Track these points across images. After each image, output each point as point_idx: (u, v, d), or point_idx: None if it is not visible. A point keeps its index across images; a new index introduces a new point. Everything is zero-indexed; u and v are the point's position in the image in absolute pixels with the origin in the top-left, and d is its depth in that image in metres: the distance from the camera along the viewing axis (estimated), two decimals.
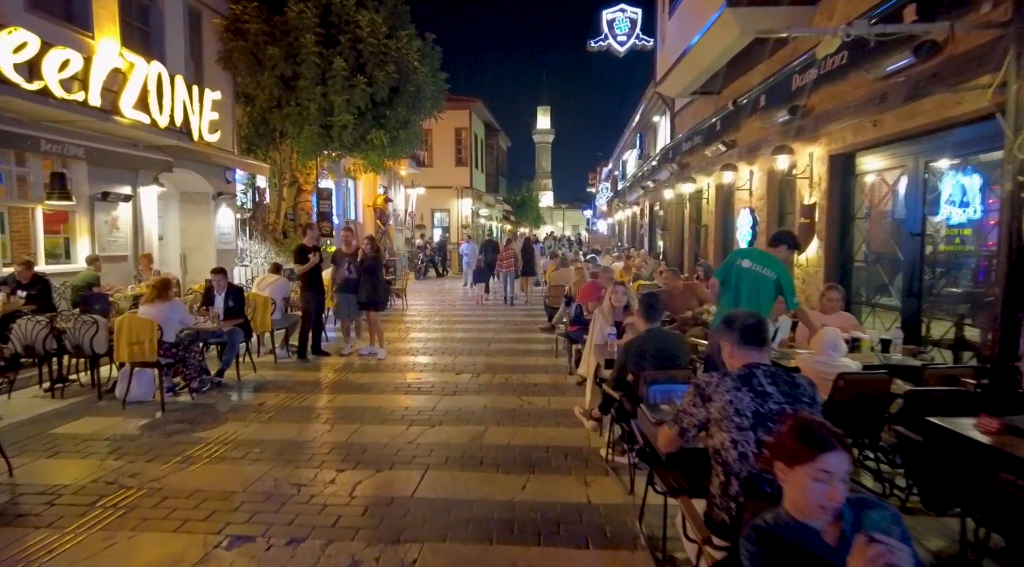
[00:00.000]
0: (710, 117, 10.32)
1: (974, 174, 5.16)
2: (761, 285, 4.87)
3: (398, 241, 26.05)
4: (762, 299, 4.86)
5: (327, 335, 10.41)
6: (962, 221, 5.30)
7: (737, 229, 9.62)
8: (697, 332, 6.91)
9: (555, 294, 11.07)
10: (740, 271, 5.02)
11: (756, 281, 4.89)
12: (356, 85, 13.34)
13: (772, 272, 4.91)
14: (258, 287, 9.22)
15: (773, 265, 4.93)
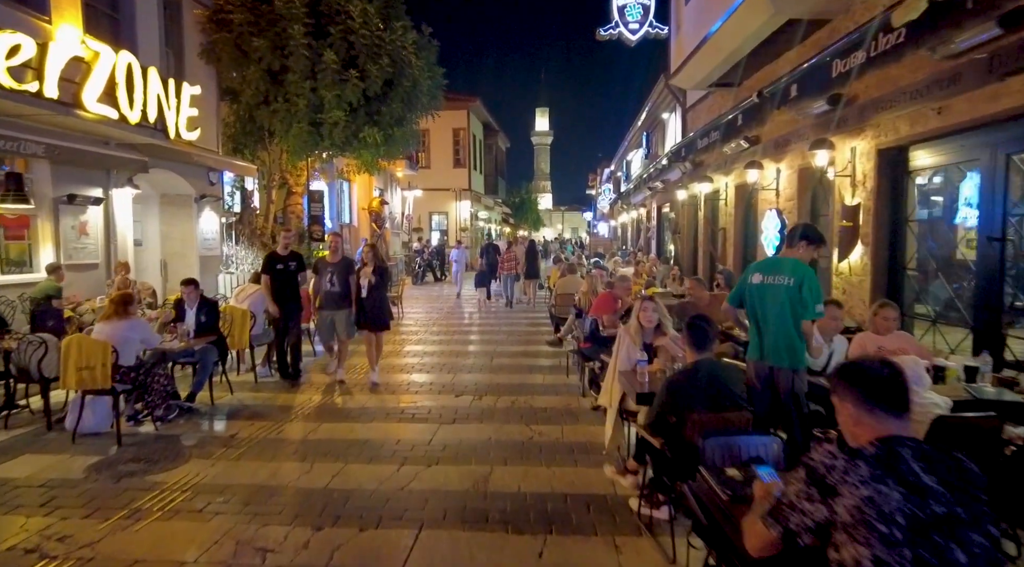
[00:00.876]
0: (729, 111, 9.50)
1: None
2: (783, 299, 4.05)
3: (395, 245, 25.24)
4: (790, 316, 4.04)
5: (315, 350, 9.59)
6: None
7: (761, 232, 8.81)
8: (726, 350, 6.11)
9: (562, 303, 10.26)
10: (753, 291, 4.23)
11: (776, 296, 4.08)
12: (348, 79, 12.53)
13: (790, 277, 4.08)
14: (236, 299, 8.38)
15: (790, 269, 4.11)
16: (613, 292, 6.95)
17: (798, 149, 7.74)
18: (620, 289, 6.98)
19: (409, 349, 10.10)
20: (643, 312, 4.68)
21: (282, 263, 7.65)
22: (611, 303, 6.85)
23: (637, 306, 4.83)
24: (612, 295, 6.92)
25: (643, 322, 4.66)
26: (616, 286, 7.10)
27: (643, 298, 4.90)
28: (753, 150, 9.07)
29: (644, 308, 4.70)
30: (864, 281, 6.35)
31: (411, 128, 14.33)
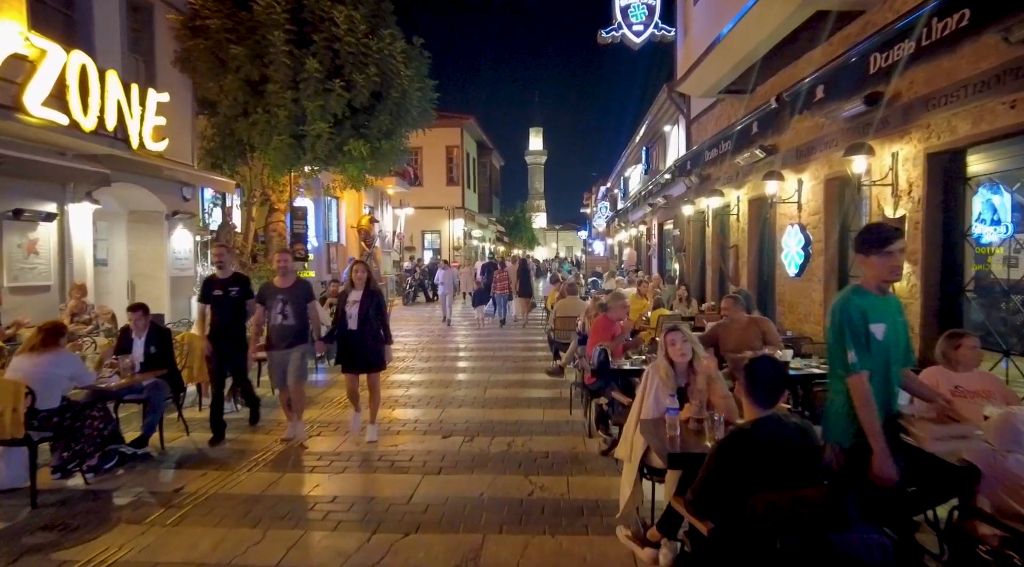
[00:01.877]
0: (743, 119, 8.77)
1: None
2: (902, 334, 3.19)
3: (385, 264, 24.40)
4: (904, 351, 3.18)
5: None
6: None
7: (781, 250, 8.01)
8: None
9: (562, 327, 9.41)
10: (877, 342, 3.00)
11: (898, 342, 3.17)
12: (332, 89, 11.77)
13: (898, 312, 3.22)
14: (199, 326, 7.48)
15: (898, 306, 3.25)
16: (608, 316, 6.10)
17: (824, 157, 6.97)
18: (616, 310, 6.12)
19: (394, 378, 9.20)
20: (671, 346, 3.83)
21: (221, 288, 6.15)
22: (607, 328, 6.00)
23: (663, 340, 3.98)
24: (607, 319, 6.08)
25: (673, 358, 3.80)
26: (612, 308, 6.20)
27: (669, 329, 4.05)
28: (770, 160, 8.32)
29: (672, 341, 3.85)
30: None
31: (400, 142, 13.55)
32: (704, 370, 3.76)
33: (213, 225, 14.13)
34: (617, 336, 6.01)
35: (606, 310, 6.23)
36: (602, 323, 6.09)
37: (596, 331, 6.04)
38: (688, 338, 3.89)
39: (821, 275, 7.11)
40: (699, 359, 3.83)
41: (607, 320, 6.09)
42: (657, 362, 3.88)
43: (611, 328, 6.05)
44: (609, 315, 6.13)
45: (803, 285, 7.57)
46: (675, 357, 3.79)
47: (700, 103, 11.76)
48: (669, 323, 6.26)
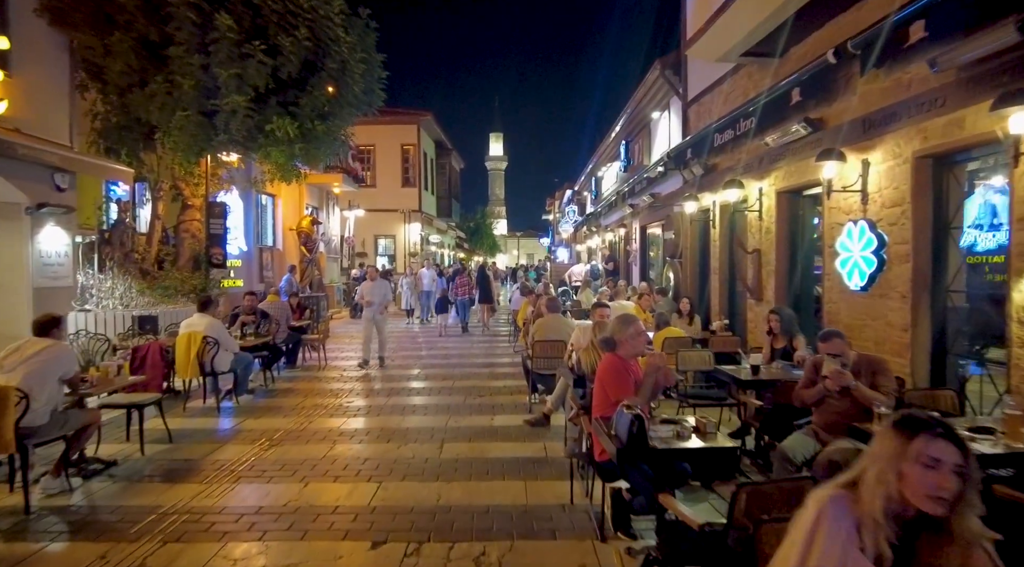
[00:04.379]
0: (775, 87, 6.84)
1: None
2: None
3: (332, 271, 21.90)
4: None
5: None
6: None
7: (835, 256, 6.05)
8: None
9: (543, 354, 7.26)
10: None
11: None
12: (251, 54, 9.45)
13: None
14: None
15: None
16: (620, 355, 3.97)
17: (914, 127, 5.02)
18: (630, 342, 3.96)
19: (315, 427, 6.89)
20: None
21: None
22: (624, 375, 3.86)
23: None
24: (620, 361, 3.94)
25: None
26: (623, 341, 3.98)
27: None
28: (816, 137, 6.37)
29: None
30: None
31: (339, 125, 11.25)
32: None
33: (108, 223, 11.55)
34: (642, 383, 3.90)
35: (613, 346, 4.05)
36: (615, 368, 3.92)
37: (609, 381, 3.89)
38: None
39: (905, 289, 5.16)
40: None
41: (621, 362, 3.95)
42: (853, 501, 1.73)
43: (631, 372, 3.93)
44: (622, 353, 3.99)
45: (872, 302, 5.62)
46: None
47: (701, 80, 9.84)
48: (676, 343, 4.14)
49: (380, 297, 10.71)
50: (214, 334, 7.56)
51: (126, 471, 5.34)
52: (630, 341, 3.88)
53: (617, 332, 3.94)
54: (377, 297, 10.64)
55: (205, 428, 6.84)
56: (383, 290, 10.82)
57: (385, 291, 10.90)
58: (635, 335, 3.88)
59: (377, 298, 10.62)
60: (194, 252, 12.04)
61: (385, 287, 10.98)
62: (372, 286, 10.81)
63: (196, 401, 7.93)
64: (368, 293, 10.67)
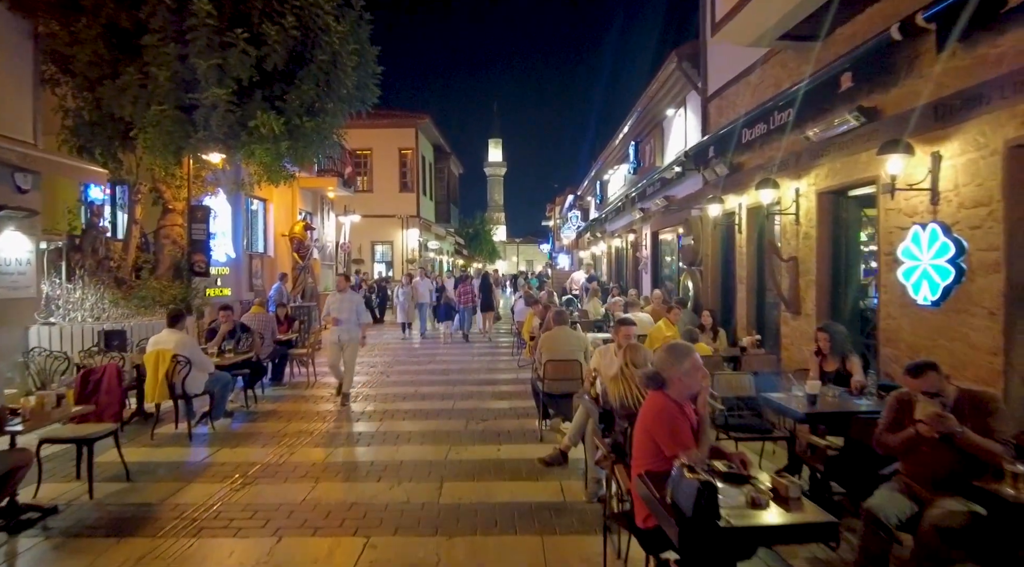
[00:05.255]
0: (821, 72, 6.03)
1: None
2: None
3: (325, 279, 21.05)
4: None
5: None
6: None
7: (896, 265, 5.22)
8: None
9: (556, 376, 6.42)
10: None
11: None
12: (233, 43, 8.63)
13: None
14: None
15: None
16: (670, 395, 3.09)
17: (1009, 110, 4.20)
18: (684, 379, 3.05)
19: (295, 460, 6.04)
20: None
21: None
22: (679, 421, 3.01)
23: None
24: (672, 403, 3.06)
25: None
26: (675, 378, 3.04)
27: None
28: (872, 128, 5.55)
29: None
30: None
31: (329, 121, 10.41)
32: None
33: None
34: (701, 430, 3.07)
35: (660, 383, 3.16)
36: (668, 414, 3.02)
37: (661, 431, 3.02)
38: None
39: (995, 305, 4.33)
40: None
41: (674, 406, 3.08)
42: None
43: (686, 415, 3.08)
44: (673, 393, 3.12)
45: (947, 319, 4.79)
46: None
47: (723, 72, 9.03)
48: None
49: (350, 313, 8.37)
50: (185, 352, 6.73)
51: (66, 521, 4.49)
52: (685, 378, 3.05)
53: (667, 367, 3.09)
54: (346, 313, 8.33)
55: (171, 460, 5.99)
56: (355, 304, 8.46)
57: (357, 306, 8.49)
58: (691, 371, 3.05)
59: (346, 314, 8.33)
60: (175, 259, 11.19)
61: (357, 301, 8.54)
62: (341, 299, 8.46)
63: (167, 426, 7.11)
64: (336, 308, 8.37)
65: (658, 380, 3.09)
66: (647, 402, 3.14)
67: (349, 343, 8.39)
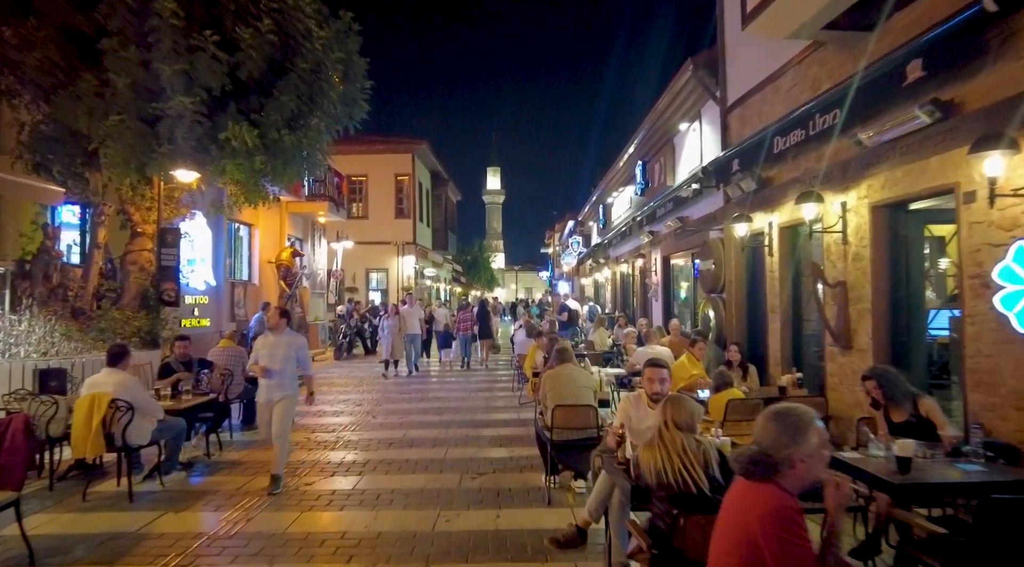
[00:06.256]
0: (872, 67, 5.12)
1: None
2: None
3: (317, 308, 20.04)
4: None
5: None
6: None
7: (984, 292, 4.22)
8: None
9: (565, 424, 5.37)
10: None
11: None
12: (201, 47, 7.77)
13: None
14: None
15: None
16: (787, 493, 1.97)
17: None
18: (811, 465, 1.96)
19: (257, 529, 4.95)
20: None
21: None
22: (801, 536, 1.94)
23: None
24: (791, 510, 1.96)
25: None
26: (800, 461, 1.97)
27: None
28: (947, 126, 4.61)
29: None
30: None
31: (313, 137, 9.51)
32: None
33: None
34: (830, 542, 2.04)
35: (771, 470, 1.95)
36: (789, 519, 1.81)
37: (779, 546, 1.89)
38: None
39: None
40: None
41: (795, 506, 1.96)
42: None
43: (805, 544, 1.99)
44: (788, 482, 1.98)
45: None
46: None
47: (746, 78, 8.16)
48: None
49: (286, 361, 5.89)
50: (126, 396, 5.68)
51: None
52: (809, 461, 2.03)
53: (780, 444, 2.05)
54: (280, 361, 5.85)
55: (98, 531, 4.90)
56: (294, 349, 5.98)
57: (298, 351, 6.02)
58: (820, 450, 2.04)
59: (280, 362, 5.85)
60: (142, 287, 10.20)
61: (298, 345, 6.06)
62: (275, 341, 5.93)
63: (110, 482, 6.02)
64: (267, 354, 5.87)
65: (767, 465, 2.06)
66: (751, 498, 2.08)
67: (281, 402, 5.88)
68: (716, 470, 3.04)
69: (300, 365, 6.09)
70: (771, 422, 2.10)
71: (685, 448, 3.00)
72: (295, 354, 6.01)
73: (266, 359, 5.87)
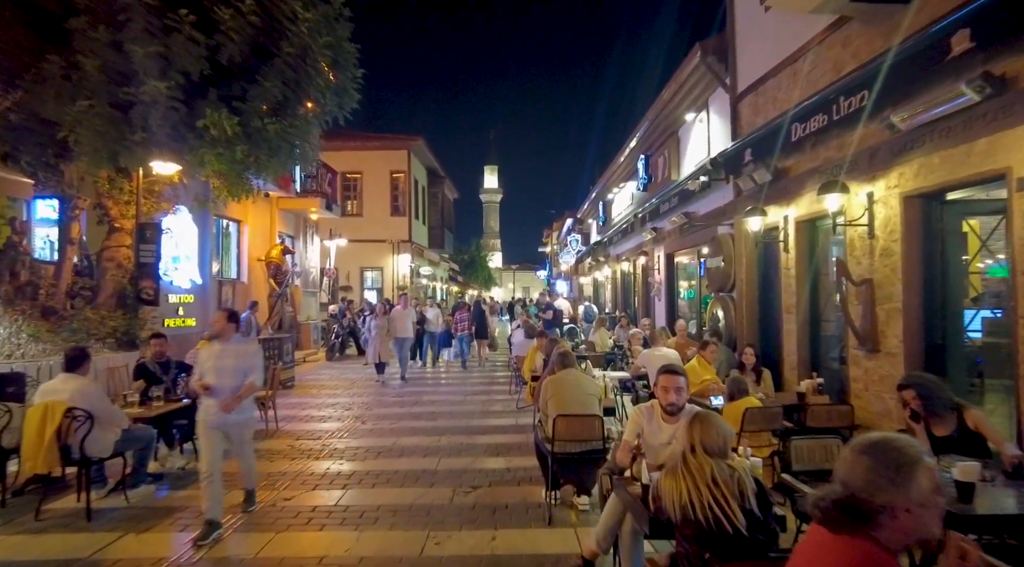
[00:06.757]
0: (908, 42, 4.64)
1: None
2: None
3: (309, 307, 19.52)
4: None
5: None
6: None
7: None
8: None
9: (568, 435, 4.88)
10: None
11: None
12: (177, 28, 7.25)
13: None
14: None
15: None
16: (877, 542, 1.51)
17: None
18: (919, 517, 1.48)
19: (224, 555, 4.44)
20: None
21: None
22: None
23: None
24: (883, 556, 1.52)
25: None
26: (904, 510, 1.49)
27: None
28: (1003, 102, 4.11)
29: None
30: None
31: (299, 127, 9.00)
32: None
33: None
34: None
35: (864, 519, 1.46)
36: None
37: None
38: None
39: None
40: None
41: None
42: None
43: None
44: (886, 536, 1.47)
45: None
46: None
47: (758, 63, 7.67)
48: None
49: (235, 376, 4.83)
50: (85, 404, 5.17)
51: None
52: (917, 511, 1.52)
53: (883, 487, 1.53)
54: (229, 376, 4.80)
55: (45, 558, 4.39)
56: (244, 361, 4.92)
57: (247, 365, 4.93)
58: (932, 494, 1.54)
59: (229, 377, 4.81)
60: (119, 285, 9.68)
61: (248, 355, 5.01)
62: (220, 351, 4.89)
63: (67, 498, 5.51)
64: (211, 367, 4.84)
65: (859, 514, 1.55)
66: (834, 556, 1.56)
67: (237, 428, 4.96)
68: (753, 502, 2.54)
69: (248, 376, 4.93)
70: (864, 457, 1.58)
71: (716, 477, 2.49)
72: (247, 366, 4.93)
73: (211, 374, 4.82)
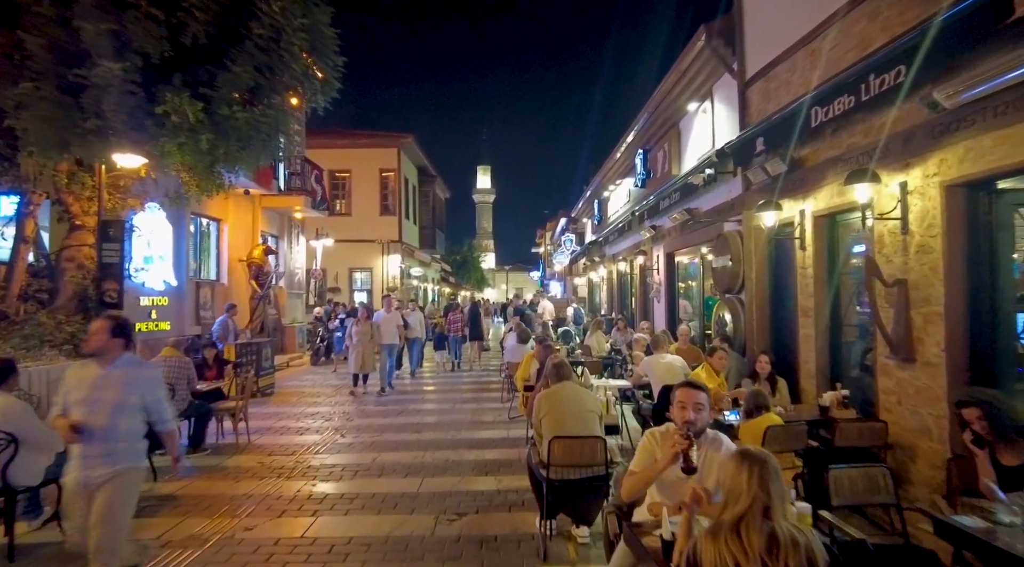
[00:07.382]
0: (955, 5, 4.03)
1: None
2: None
3: (295, 310, 18.79)
4: None
5: None
6: None
7: None
8: None
9: (566, 459, 4.24)
10: None
11: None
12: (133, 3, 6.57)
13: None
14: None
15: None
16: None
17: None
18: None
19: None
20: None
21: None
22: None
23: None
24: None
25: None
26: None
27: None
28: None
29: None
30: None
31: (274, 115, 8.32)
32: None
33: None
34: None
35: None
36: None
37: None
38: None
39: None
40: None
41: None
42: None
43: None
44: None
45: None
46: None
47: (769, 46, 7.06)
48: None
49: (112, 413, 3.40)
50: (8, 426, 4.49)
51: None
52: None
53: None
54: (104, 413, 3.38)
55: None
56: (133, 389, 3.50)
57: (144, 391, 3.56)
58: None
59: (104, 416, 3.37)
60: (80, 288, 8.97)
61: (144, 381, 3.59)
62: (98, 378, 3.43)
63: None
64: (84, 399, 3.37)
65: None
66: None
67: (111, 485, 3.39)
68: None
69: (150, 417, 3.63)
70: None
71: (778, 548, 1.85)
72: (139, 400, 3.53)
73: (81, 409, 3.36)
